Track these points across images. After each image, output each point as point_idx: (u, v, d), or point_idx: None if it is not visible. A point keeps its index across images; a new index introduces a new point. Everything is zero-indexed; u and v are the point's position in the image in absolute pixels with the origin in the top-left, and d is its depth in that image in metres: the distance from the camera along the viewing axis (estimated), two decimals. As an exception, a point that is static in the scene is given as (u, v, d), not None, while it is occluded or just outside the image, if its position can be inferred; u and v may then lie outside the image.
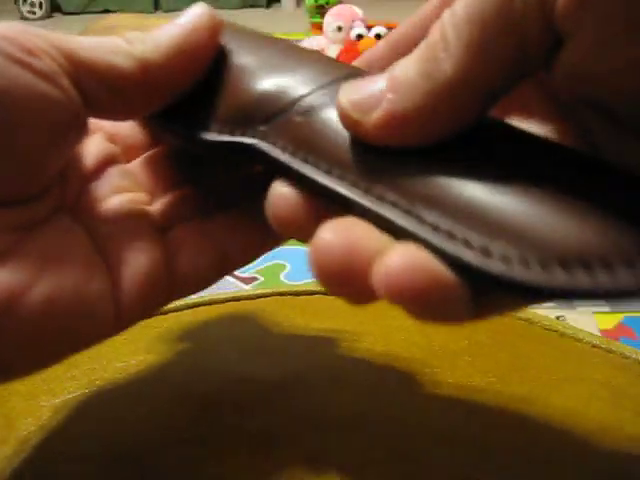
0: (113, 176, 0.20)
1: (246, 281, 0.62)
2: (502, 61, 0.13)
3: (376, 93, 0.14)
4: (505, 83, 0.14)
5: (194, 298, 0.33)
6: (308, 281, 0.59)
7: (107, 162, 0.20)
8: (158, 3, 2.51)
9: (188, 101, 0.18)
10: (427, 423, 0.23)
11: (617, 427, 0.23)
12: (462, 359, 0.27)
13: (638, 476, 0.21)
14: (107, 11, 2.52)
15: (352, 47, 1.01)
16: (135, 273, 0.18)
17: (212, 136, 0.18)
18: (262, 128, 0.17)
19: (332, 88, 0.16)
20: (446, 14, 0.13)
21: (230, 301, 0.33)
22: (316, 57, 0.18)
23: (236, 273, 0.64)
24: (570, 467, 0.21)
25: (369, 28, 1.04)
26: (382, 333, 0.29)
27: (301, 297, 0.33)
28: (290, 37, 1.99)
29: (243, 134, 0.17)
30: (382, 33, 1.01)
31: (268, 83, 0.17)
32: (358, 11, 1.18)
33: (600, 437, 0.23)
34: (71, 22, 2.43)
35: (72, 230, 0.18)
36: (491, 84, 0.13)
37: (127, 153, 0.21)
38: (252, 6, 2.58)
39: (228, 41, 0.19)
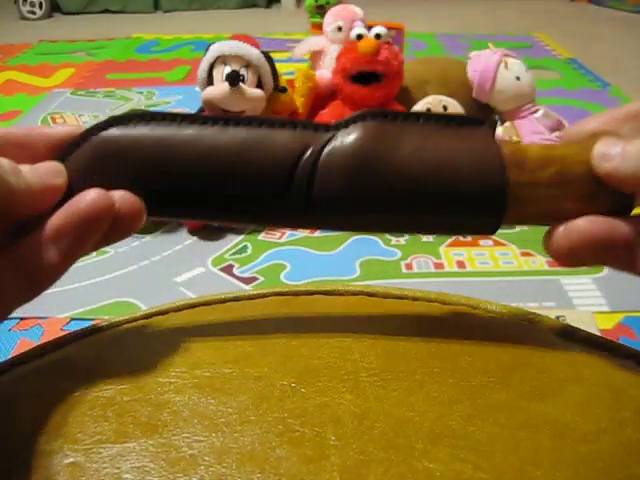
0: None
1: (246, 281, 0.61)
2: None
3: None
4: None
5: (194, 298, 0.33)
6: (308, 281, 0.58)
7: None
8: (158, 3, 2.51)
9: None
10: (427, 423, 0.23)
11: (617, 427, 0.23)
12: (462, 359, 0.27)
13: (638, 477, 0.22)
14: (107, 11, 2.52)
15: (352, 47, 1.01)
16: None
17: None
18: None
19: None
20: None
21: (230, 301, 0.33)
22: None
23: (236, 273, 0.64)
24: (570, 467, 0.21)
25: (369, 28, 1.04)
26: (382, 333, 0.29)
27: (301, 297, 0.33)
28: (290, 37, 1.99)
29: None
30: (382, 33, 1.00)
31: None
32: (358, 11, 1.18)
33: (600, 437, 0.23)
34: (71, 22, 2.43)
35: None
36: None
37: None
38: (252, 6, 2.58)
39: None
